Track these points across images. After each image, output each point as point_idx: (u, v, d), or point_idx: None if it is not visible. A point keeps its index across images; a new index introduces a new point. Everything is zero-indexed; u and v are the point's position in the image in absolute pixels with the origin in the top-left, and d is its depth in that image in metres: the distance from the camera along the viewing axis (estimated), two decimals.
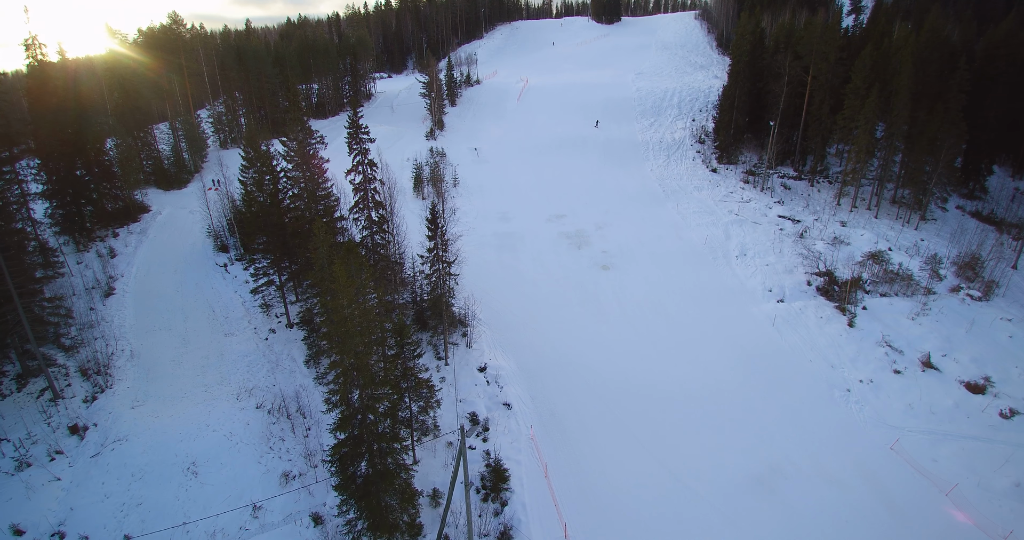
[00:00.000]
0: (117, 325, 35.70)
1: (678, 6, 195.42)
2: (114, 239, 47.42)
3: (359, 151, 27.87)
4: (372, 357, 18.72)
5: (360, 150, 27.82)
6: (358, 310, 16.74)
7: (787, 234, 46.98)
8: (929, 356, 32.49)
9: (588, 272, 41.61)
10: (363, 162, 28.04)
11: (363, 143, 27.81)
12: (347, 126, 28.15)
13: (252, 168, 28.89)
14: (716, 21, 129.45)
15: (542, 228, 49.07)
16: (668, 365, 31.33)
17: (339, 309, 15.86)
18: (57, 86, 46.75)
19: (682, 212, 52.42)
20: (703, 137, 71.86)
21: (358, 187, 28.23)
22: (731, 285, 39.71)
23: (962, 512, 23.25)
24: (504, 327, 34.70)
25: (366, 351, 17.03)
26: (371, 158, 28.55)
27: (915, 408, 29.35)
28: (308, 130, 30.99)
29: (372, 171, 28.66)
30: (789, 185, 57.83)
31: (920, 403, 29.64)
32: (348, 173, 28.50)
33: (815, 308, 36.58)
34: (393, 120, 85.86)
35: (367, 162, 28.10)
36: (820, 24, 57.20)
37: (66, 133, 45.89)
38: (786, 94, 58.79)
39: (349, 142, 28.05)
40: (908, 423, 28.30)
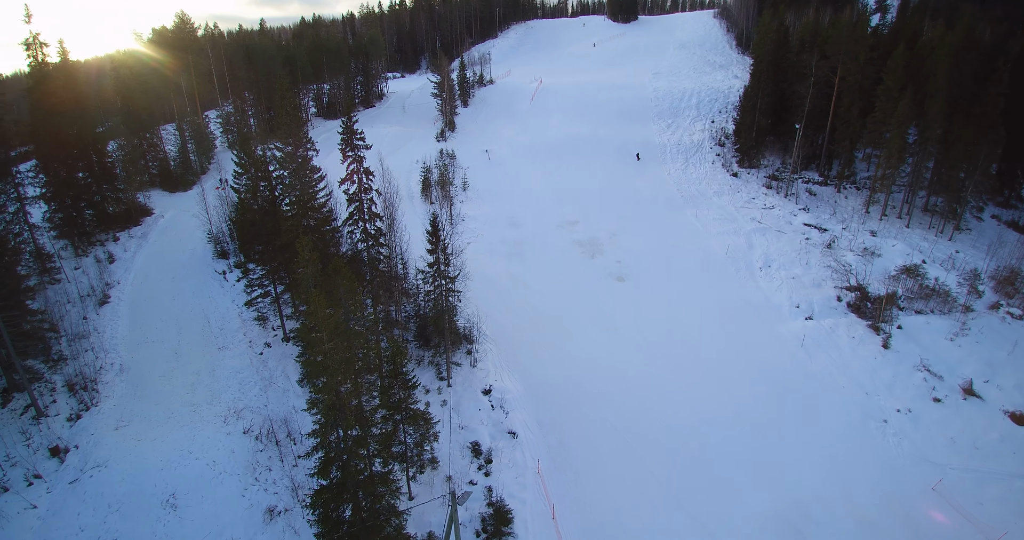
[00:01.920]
0: (109, 336, 34.24)
1: (696, 4, 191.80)
2: (114, 243, 46.14)
3: (353, 158, 25.97)
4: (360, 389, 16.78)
5: (355, 157, 25.92)
6: (340, 344, 14.86)
7: (814, 244, 44.41)
8: (971, 383, 29.97)
9: (601, 283, 39.45)
10: (358, 171, 26.13)
11: (358, 150, 25.89)
12: (340, 131, 26.24)
13: (246, 174, 27.14)
14: (736, 19, 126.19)
15: (553, 235, 46.96)
16: (687, 390, 29.10)
17: (319, 343, 14.00)
18: (58, 87, 45.47)
19: (701, 219, 49.99)
20: (723, 139, 69.19)
21: (353, 197, 26.30)
22: (755, 300, 37.31)
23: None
24: (511, 344, 32.68)
25: (351, 389, 15.13)
26: (367, 166, 26.62)
27: (958, 442, 26.89)
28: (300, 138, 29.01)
29: (368, 180, 26.76)
30: (814, 191, 55.12)
31: (963, 436, 27.17)
32: (342, 183, 26.63)
33: (847, 327, 34.10)
34: (404, 121, 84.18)
35: (363, 171, 26.18)
36: (849, 22, 54.45)
37: (67, 134, 44.71)
38: (812, 95, 56.05)
39: (343, 149, 26.14)
40: (951, 459, 25.87)
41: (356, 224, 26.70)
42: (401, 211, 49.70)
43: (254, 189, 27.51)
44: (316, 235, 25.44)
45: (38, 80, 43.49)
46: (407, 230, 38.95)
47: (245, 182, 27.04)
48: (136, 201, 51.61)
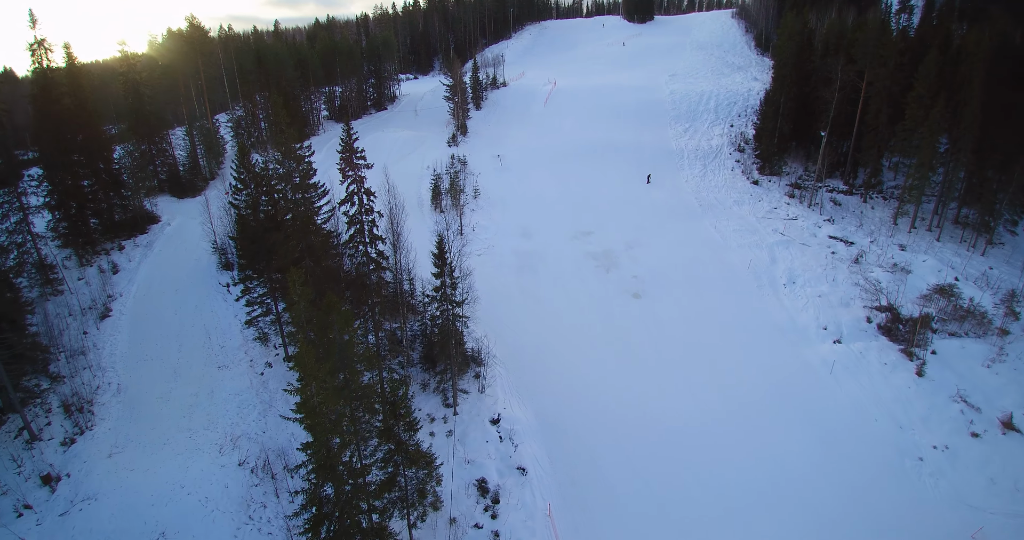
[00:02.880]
0: (108, 353, 33.33)
1: (713, 4, 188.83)
2: (119, 252, 45.32)
3: (353, 179, 24.62)
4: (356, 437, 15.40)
5: (355, 177, 24.58)
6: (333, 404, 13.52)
7: (840, 258, 42.43)
8: (1011, 416, 28.01)
9: (617, 300, 37.82)
10: (359, 191, 24.79)
11: (358, 169, 24.54)
12: (340, 149, 24.91)
13: (245, 190, 25.92)
14: (755, 19, 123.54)
15: (566, 246, 45.38)
16: (708, 423, 27.45)
17: (307, 398, 12.66)
18: (63, 93, 44.76)
19: (721, 230, 48.14)
20: (742, 145, 67.11)
21: (353, 219, 24.89)
22: (780, 320, 35.48)
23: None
24: (521, 366, 31.21)
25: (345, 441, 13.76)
26: (368, 187, 25.26)
27: (998, 483, 24.99)
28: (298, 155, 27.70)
29: (370, 200, 25.40)
30: (839, 200, 53.00)
31: (1003, 476, 25.27)
32: (342, 203, 25.30)
33: (878, 352, 32.19)
34: (416, 124, 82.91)
35: (364, 191, 24.81)
36: (876, 25, 52.22)
37: (72, 141, 43.98)
38: (837, 100, 53.85)
39: (342, 168, 24.82)
40: (991, 503, 24.00)
41: (356, 247, 25.38)
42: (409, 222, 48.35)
43: (254, 205, 26.29)
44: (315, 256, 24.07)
45: (43, 86, 42.76)
46: (415, 241, 37.36)
47: (244, 198, 25.83)
48: (143, 208, 50.83)
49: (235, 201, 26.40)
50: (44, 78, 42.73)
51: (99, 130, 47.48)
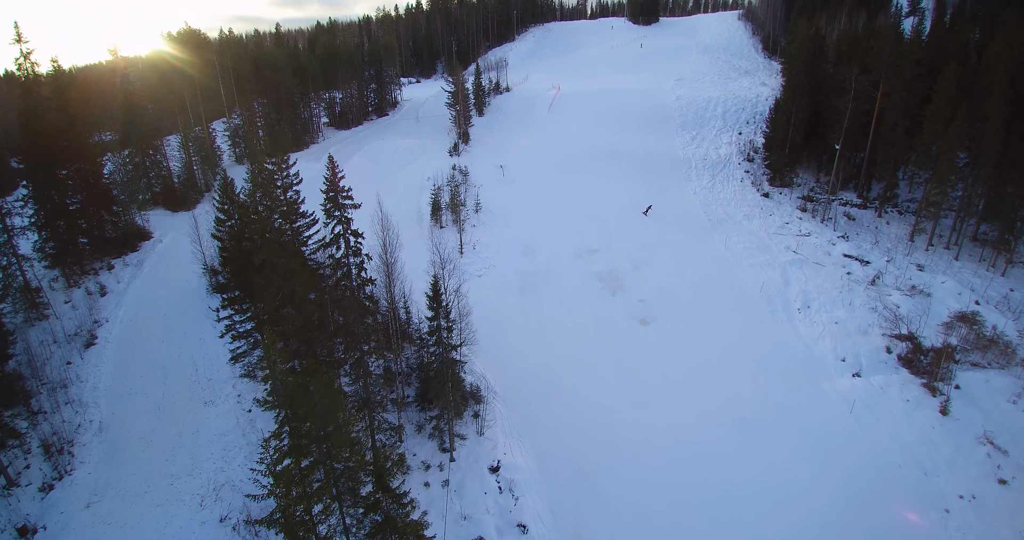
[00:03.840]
0: (91, 387, 31.90)
1: (719, 5, 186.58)
2: (108, 272, 43.92)
3: (339, 220, 23.03)
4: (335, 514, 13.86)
5: (340, 218, 22.97)
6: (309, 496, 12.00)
7: (856, 280, 40.68)
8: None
9: (624, 326, 36.17)
10: (345, 233, 23.19)
11: (344, 210, 22.94)
12: (324, 188, 23.27)
13: (229, 221, 24.39)
14: (762, 22, 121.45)
15: (571, 266, 43.74)
16: (726, 469, 25.78)
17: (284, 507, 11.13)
18: (50, 107, 43.37)
19: (731, 247, 46.41)
20: (751, 154, 65.32)
21: (339, 263, 23.25)
22: (795, 350, 33.76)
23: None
24: (523, 402, 29.62)
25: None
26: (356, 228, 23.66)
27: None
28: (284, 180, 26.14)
29: (358, 242, 23.82)
30: (853, 215, 51.16)
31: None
32: (326, 246, 23.74)
33: (899, 386, 30.47)
34: (417, 131, 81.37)
35: (351, 232, 23.21)
36: (892, 34, 50.34)
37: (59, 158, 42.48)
38: (851, 111, 51.98)
39: (328, 207, 23.18)
40: None
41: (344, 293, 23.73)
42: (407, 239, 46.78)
43: (238, 237, 24.75)
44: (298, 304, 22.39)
45: (28, 103, 41.33)
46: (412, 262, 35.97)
47: (228, 229, 24.29)
48: (134, 224, 49.43)
49: (219, 232, 24.89)
50: (30, 94, 41.29)
51: (88, 146, 46.03)
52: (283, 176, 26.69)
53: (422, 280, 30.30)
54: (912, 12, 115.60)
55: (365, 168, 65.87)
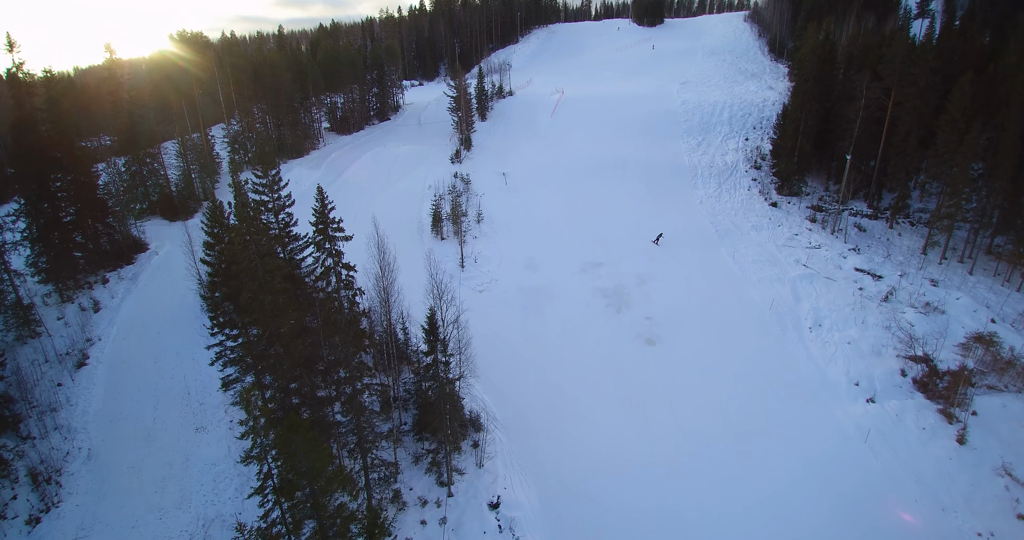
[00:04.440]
0: (81, 411, 31.05)
1: (724, 6, 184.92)
2: (103, 286, 43.11)
3: (329, 252, 21.98)
4: None
5: (331, 251, 21.93)
6: None
7: (868, 296, 39.51)
8: None
9: (629, 347, 35.07)
10: (336, 266, 22.17)
11: (335, 242, 21.89)
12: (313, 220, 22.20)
13: (218, 245, 23.41)
14: (768, 23, 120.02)
15: (575, 281, 42.66)
16: (736, 503, 24.73)
17: None
18: (43, 119, 42.56)
19: (739, 260, 45.25)
20: (759, 161, 64.07)
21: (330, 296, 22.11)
22: (807, 373, 32.61)
23: None
24: (525, 431, 28.58)
25: None
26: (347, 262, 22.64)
27: None
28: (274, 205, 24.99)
29: (350, 275, 22.80)
30: (864, 226, 49.94)
31: None
32: (316, 281, 22.68)
33: (915, 413, 29.33)
34: (419, 137, 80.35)
35: (342, 265, 22.18)
36: (904, 41, 49.05)
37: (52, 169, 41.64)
38: (862, 119, 50.73)
39: (318, 240, 22.13)
40: None
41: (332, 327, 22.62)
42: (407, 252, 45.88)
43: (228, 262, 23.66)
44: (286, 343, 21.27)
45: (21, 116, 40.52)
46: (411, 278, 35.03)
47: (216, 256, 23.31)
48: (130, 235, 48.59)
49: (208, 257, 23.94)
50: (22, 107, 40.47)
51: (83, 157, 45.14)
52: (274, 198, 25.70)
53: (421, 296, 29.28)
54: (921, 14, 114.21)
55: (365, 176, 65.01)
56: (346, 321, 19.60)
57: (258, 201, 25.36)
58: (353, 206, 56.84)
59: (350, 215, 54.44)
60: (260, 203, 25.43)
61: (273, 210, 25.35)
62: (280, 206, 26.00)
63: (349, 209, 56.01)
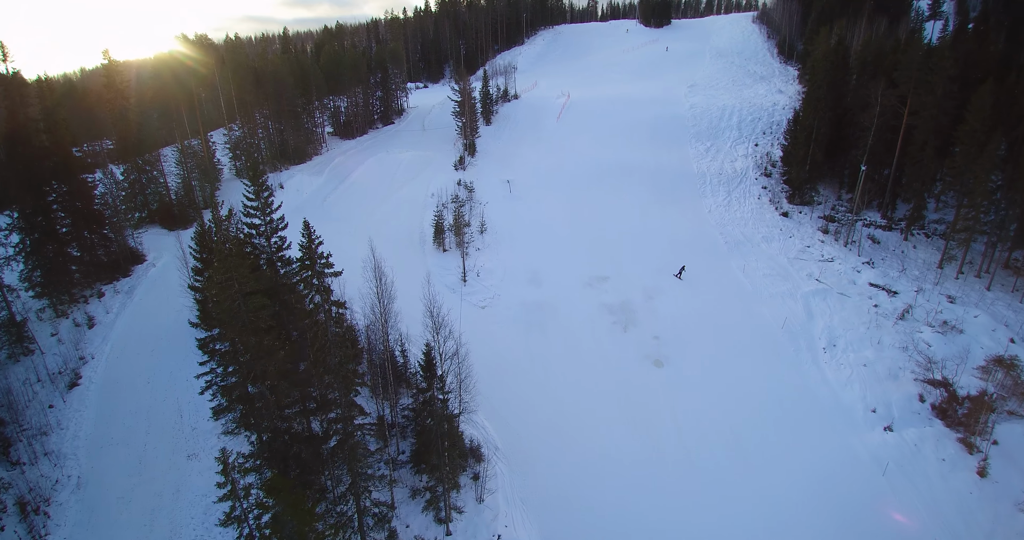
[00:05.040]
0: (71, 435, 30.25)
1: (732, 6, 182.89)
2: (98, 301, 42.37)
3: (317, 289, 20.90)
4: None
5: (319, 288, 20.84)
6: None
7: (884, 313, 38.20)
8: None
9: (636, 368, 33.91)
10: (324, 303, 21.11)
11: (324, 278, 20.80)
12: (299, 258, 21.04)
13: (208, 270, 22.47)
14: (777, 25, 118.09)
15: (579, 296, 41.54)
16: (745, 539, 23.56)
17: None
18: (39, 130, 41.82)
19: (750, 274, 44.01)
20: (769, 168, 62.73)
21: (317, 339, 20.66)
22: (821, 397, 31.37)
23: None
24: (527, 460, 27.52)
25: None
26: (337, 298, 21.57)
27: None
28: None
29: (339, 310, 21.75)
30: (878, 237, 48.57)
31: None
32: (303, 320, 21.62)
33: (934, 443, 28.08)
34: (422, 142, 79.25)
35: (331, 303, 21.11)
36: (921, 47, 47.58)
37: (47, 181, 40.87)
38: (876, 127, 49.28)
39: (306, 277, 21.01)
40: None
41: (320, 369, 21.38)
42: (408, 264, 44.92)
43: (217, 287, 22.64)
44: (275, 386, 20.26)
45: (14, 127, 39.74)
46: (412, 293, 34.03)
47: (207, 282, 22.34)
48: (127, 246, 47.79)
49: (195, 283, 22.97)
50: (15, 117, 39.70)
51: (79, 166, 44.34)
52: (266, 221, 24.67)
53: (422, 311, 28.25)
54: (933, 15, 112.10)
55: (367, 184, 64.08)
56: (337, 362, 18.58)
57: (249, 224, 24.38)
58: (354, 216, 56.10)
59: (351, 225, 53.77)
60: (252, 226, 24.47)
61: (265, 234, 24.36)
62: (272, 229, 24.99)
63: (351, 219, 55.48)
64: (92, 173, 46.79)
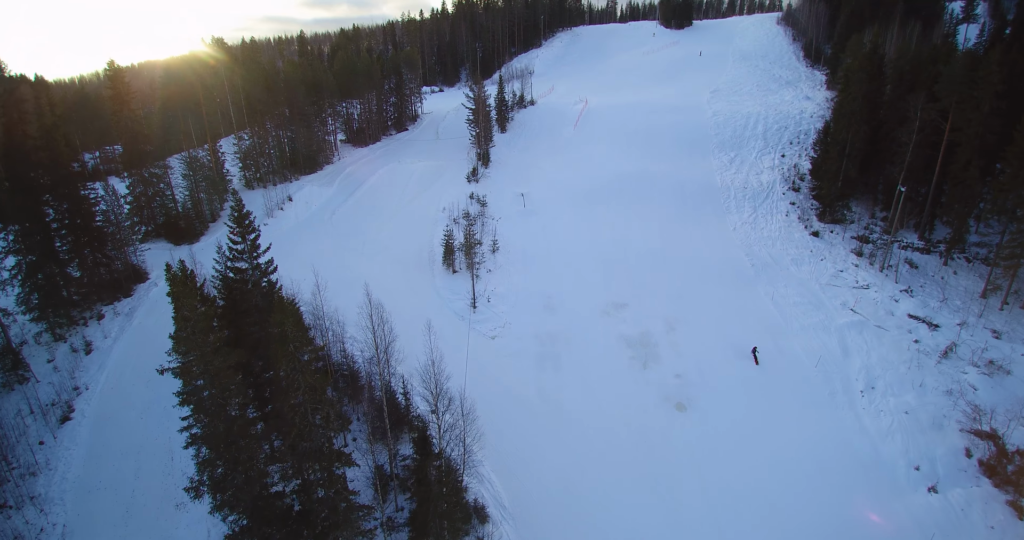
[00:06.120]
0: (60, 476, 28.86)
1: (755, 7, 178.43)
2: (97, 323, 41.12)
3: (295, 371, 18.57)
4: None
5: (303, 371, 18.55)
6: None
7: (925, 351, 35.41)
8: None
9: (656, 413, 31.49)
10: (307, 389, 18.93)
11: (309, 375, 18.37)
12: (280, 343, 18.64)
13: (191, 322, 20.67)
14: (803, 27, 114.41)
15: (596, 326, 39.22)
16: None
17: None
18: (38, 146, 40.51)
19: (779, 303, 41.38)
20: (797, 182, 59.83)
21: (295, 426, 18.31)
22: (860, 451, 28.71)
23: None
24: (537, 522, 25.31)
25: None
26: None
27: None
28: None
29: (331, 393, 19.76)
30: (915, 261, 45.56)
31: None
32: (293, 397, 19.55)
33: (982, 505, 25.46)
34: (436, 151, 77.35)
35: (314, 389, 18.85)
36: (965, 59, 44.40)
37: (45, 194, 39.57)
38: (915, 143, 46.21)
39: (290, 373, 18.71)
40: None
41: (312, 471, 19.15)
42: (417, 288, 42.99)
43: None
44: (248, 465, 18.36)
45: (9, 144, 38.46)
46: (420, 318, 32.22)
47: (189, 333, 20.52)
48: (129, 263, 46.47)
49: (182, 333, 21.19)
50: (11, 134, 38.42)
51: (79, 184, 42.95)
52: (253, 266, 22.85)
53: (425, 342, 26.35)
54: (966, 18, 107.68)
55: (377, 197, 62.34)
56: (322, 449, 16.62)
57: (236, 269, 22.57)
58: (363, 231, 54.42)
59: (359, 242, 52.00)
60: (238, 271, 22.65)
61: (252, 281, 22.50)
62: (261, 274, 23.16)
63: (359, 234, 53.76)
64: (95, 183, 45.39)
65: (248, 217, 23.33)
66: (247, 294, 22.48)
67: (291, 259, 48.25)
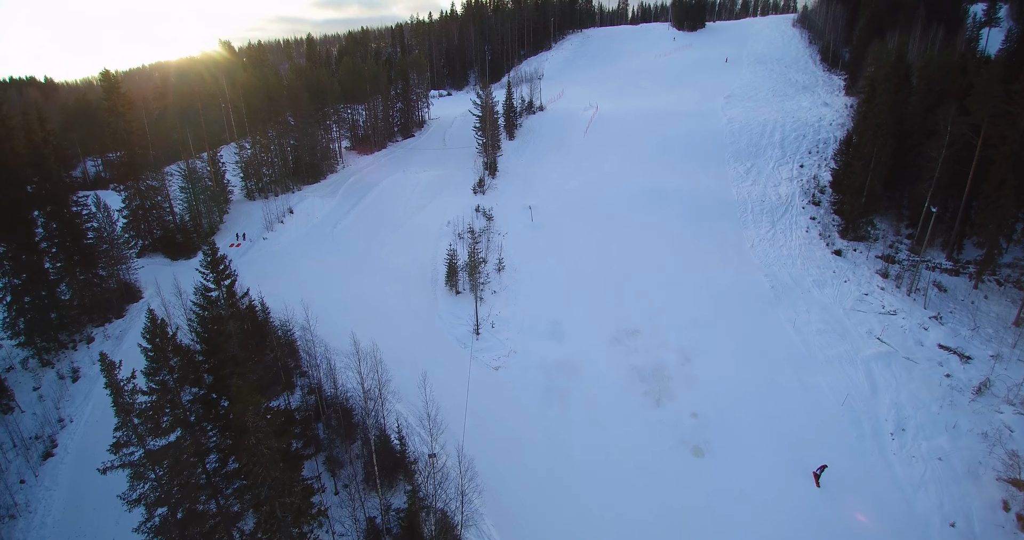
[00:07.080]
0: (39, 521, 27.46)
1: (769, 8, 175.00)
2: (86, 347, 39.67)
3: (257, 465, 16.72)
4: None
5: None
6: None
7: (957, 386, 33.10)
8: None
9: (671, 457, 29.32)
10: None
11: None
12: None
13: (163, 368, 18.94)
14: (820, 30, 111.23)
15: (606, 356, 37.12)
16: None
17: None
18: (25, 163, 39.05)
19: (801, 330, 39.10)
20: (817, 195, 57.40)
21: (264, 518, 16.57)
22: (892, 504, 26.50)
23: None
24: None
25: None
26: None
27: None
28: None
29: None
30: (944, 284, 43.16)
31: None
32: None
33: None
34: (442, 159, 75.48)
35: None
36: (998, 70, 41.86)
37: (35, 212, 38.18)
38: (945, 158, 43.75)
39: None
40: None
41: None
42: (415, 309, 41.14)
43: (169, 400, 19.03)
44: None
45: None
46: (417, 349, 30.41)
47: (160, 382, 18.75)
48: (122, 281, 44.91)
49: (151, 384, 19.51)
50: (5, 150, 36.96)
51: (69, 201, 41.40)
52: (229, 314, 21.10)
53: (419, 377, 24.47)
54: (988, 22, 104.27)
55: (380, 208, 60.58)
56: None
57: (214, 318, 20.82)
58: (364, 247, 52.69)
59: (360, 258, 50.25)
60: (216, 320, 20.91)
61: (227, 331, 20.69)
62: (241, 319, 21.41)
63: (360, 250, 51.95)
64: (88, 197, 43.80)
65: (222, 262, 21.56)
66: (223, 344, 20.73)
67: (288, 277, 46.71)
